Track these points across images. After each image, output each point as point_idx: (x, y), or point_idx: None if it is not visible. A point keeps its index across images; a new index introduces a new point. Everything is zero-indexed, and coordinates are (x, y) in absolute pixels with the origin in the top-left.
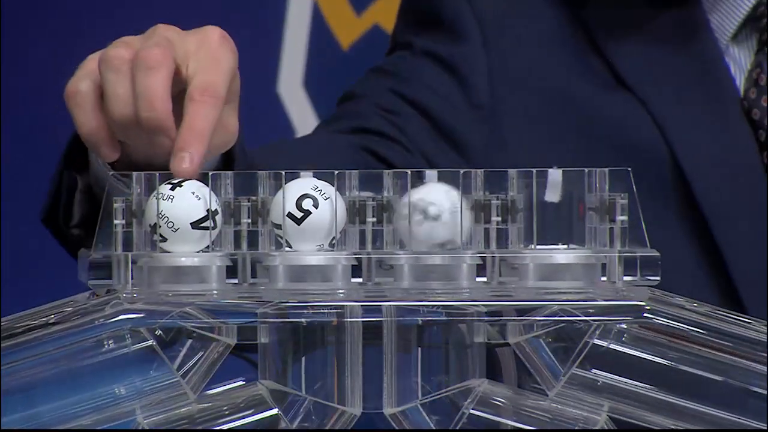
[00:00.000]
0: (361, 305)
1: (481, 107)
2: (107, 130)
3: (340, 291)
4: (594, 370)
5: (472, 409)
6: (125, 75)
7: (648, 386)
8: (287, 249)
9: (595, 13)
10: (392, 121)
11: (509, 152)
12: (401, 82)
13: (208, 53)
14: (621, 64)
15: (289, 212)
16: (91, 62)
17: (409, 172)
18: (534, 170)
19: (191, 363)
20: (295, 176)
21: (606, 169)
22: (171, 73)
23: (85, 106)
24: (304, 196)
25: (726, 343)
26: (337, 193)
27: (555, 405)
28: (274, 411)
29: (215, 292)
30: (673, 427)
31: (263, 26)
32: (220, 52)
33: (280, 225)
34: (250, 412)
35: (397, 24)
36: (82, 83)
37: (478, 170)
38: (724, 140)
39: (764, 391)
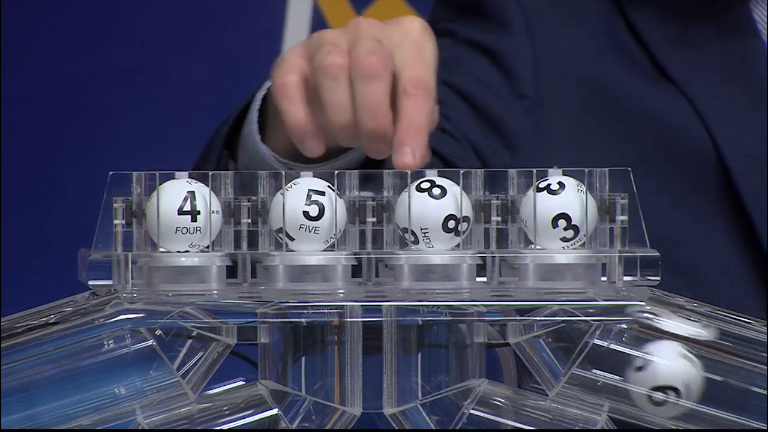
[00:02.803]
0: (361, 305)
1: (526, 98)
2: (314, 124)
3: (340, 291)
4: (594, 370)
5: (472, 409)
6: (343, 83)
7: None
8: (287, 249)
9: (637, 6)
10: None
11: (553, 143)
12: (446, 70)
13: (413, 45)
14: (663, 57)
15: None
16: (295, 58)
17: (409, 171)
18: (534, 170)
19: (191, 363)
20: (295, 176)
21: (606, 169)
22: (390, 82)
23: (294, 99)
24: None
25: (726, 343)
26: (337, 193)
27: (555, 405)
28: (274, 411)
29: (215, 292)
30: (673, 427)
31: (263, 26)
32: (424, 44)
33: (281, 228)
34: (250, 412)
35: (436, 11)
36: (289, 76)
37: (478, 170)
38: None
39: (764, 391)
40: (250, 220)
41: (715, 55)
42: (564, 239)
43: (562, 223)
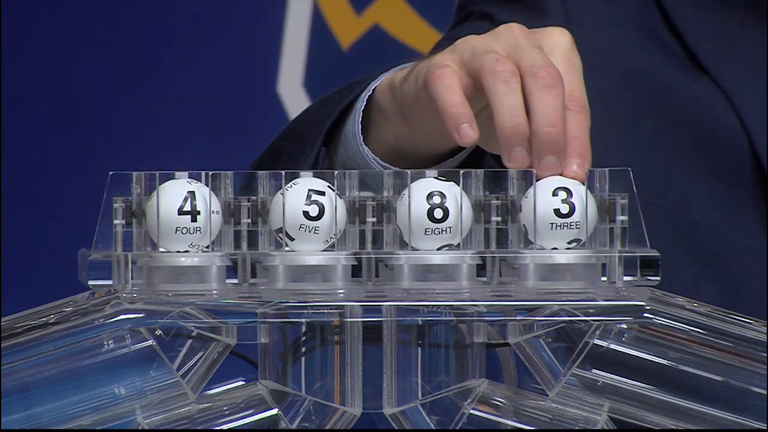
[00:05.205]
0: (361, 305)
1: None
2: (470, 110)
3: (340, 291)
4: (594, 370)
5: (472, 409)
6: (515, 86)
7: (648, 386)
8: (287, 249)
9: None
10: None
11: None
12: None
13: (563, 58)
14: (699, 48)
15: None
16: (448, 61)
17: (409, 172)
18: (534, 170)
19: (191, 363)
20: (295, 176)
21: (606, 169)
22: (564, 93)
23: (452, 86)
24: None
25: (726, 343)
26: (337, 193)
27: (555, 405)
28: (274, 411)
29: (215, 292)
30: (673, 427)
31: (263, 26)
32: (574, 59)
33: (281, 228)
34: (250, 412)
35: None
36: (447, 68)
37: (478, 170)
38: None
39: (764, 391)
40: (250, 220)
41: (750, 47)
42: (559, 213)
43: (561, 194)
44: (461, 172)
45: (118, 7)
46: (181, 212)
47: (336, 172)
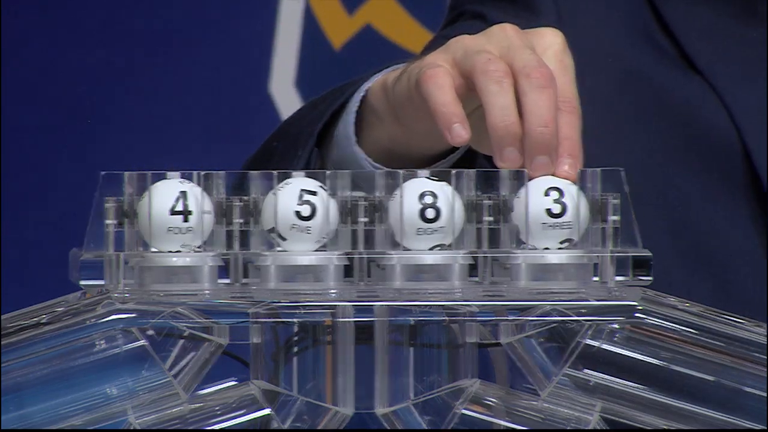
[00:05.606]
0: (353, 305)
1: None
2: (462, 110)
3: (332, 291)
4: (586, 370)
5: (464, 409)
6: (507, 86)
7: (640, 386)
8: (279, 249)
9: None
10: None
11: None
12: None
13: (555, 59)
14: (690, 46)
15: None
16: (440, 61)
17: (401, 172)
18: (526, 170)
19: (183, 363)
20: (287, 176)
21: (598, 169)
22: (557, 93)
23: (444, 86)
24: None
25: (718, 343)
26: (329, 193)
27: (547, 405)
28: (267, 411)
29: (207, 292)
30: (665, 427)
31: (255, 26)
32: (566, 59)
33: (273, 228)
34: (242, 412)
35: None
36: (440, 68)
37: (470, 170)
38: None
39: (756, 391)
40: (242, 220)
41: (742, 46)
42: (551, 213)
43: (553, 194)
44: (453, 172)
45: (112, 8)
46: (173, 212)
47: (328, 172)
